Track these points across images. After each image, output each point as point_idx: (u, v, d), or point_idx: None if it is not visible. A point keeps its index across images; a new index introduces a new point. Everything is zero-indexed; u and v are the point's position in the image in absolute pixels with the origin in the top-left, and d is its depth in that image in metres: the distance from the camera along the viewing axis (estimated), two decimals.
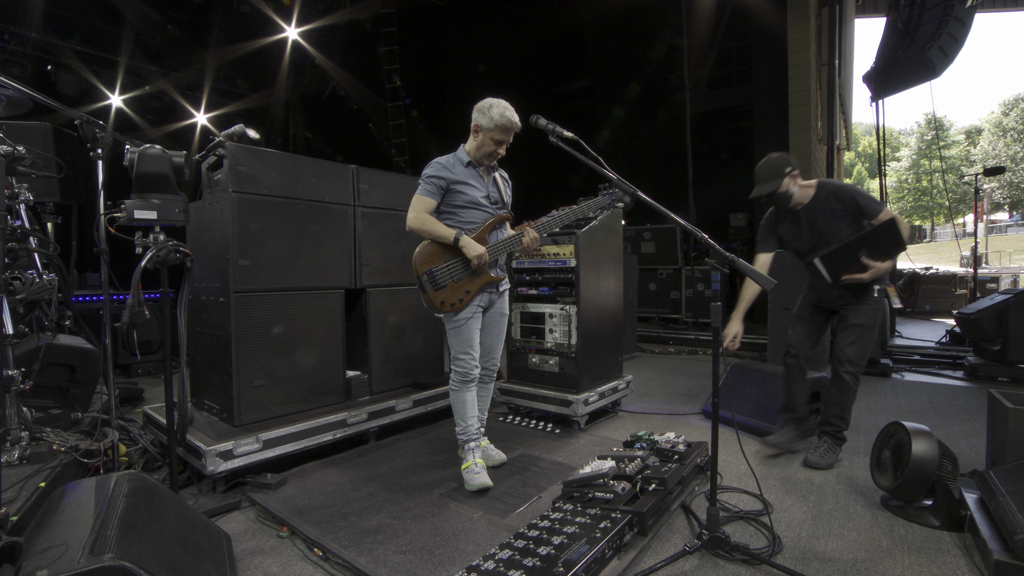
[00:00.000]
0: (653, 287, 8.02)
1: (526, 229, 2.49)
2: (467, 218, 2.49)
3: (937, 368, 5.03)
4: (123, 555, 1.21)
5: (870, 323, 2.65)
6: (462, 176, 2.48)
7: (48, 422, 2.66)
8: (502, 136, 2.44)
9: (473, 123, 2.47)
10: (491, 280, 2.51)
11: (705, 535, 1.84)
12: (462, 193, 2.47)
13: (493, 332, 2.67)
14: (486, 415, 2.77)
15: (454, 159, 2.53)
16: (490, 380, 2.76)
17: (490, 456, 2.67)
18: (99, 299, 5.25)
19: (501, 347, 2.73)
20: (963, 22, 6.39)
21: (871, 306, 2.65)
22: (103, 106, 7.97)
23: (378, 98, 10.78)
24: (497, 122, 2.41)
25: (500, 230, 2.58)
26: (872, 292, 2.64)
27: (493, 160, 2.53)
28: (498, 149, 2.48)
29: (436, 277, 2.40)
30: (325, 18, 9.01)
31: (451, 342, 2.53)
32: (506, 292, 2.69)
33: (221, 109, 9.42)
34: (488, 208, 2.54)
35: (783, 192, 2.68)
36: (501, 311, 2.67)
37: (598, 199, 2.81)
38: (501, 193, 2.61)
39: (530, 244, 2.49)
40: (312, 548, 1.92)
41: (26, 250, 2.64)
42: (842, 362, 2.66)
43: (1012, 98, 33.70)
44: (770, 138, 7.60)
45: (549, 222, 2.60)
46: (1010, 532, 1.67)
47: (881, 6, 10.97)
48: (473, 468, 2.43)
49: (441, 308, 2.42)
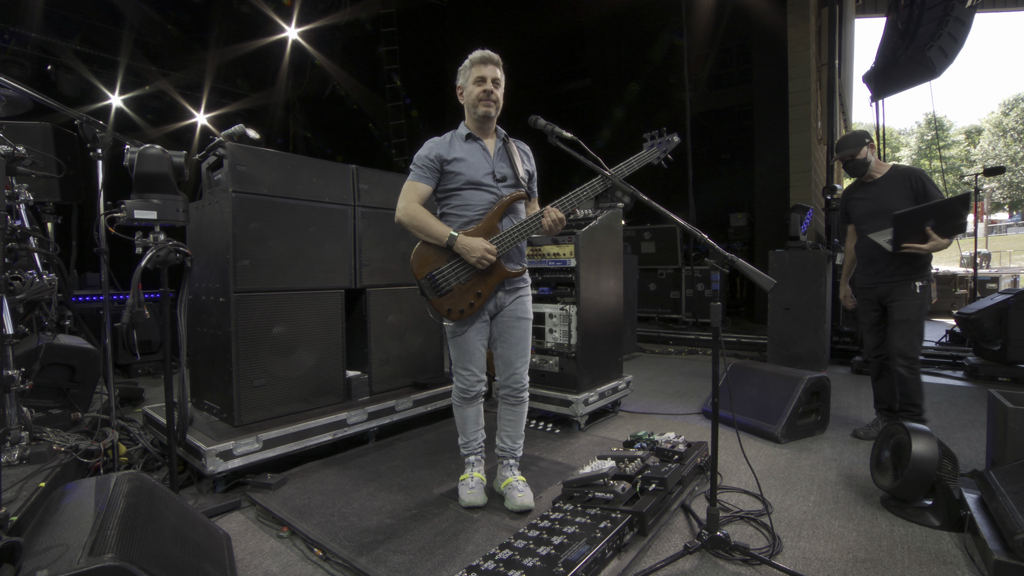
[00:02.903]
0: (653, 287, 8.02)
1: (547, 209, 2.04)
2: (469, 202, 2.11)
3: (937, 368, 5.03)
4: (123, 555, 1.21)
5: (915, 318, 2.86)
6: (460, 152, 2.12)
7: (48, 422, 2.66)
8: (481, 71, 2.08)
9: (456, 88, 2.18)
10: (507, 275, 2.12)
11: (705, 535, 1.84)
12: (459, 173, 2.10)
13: (511, 341, 2.19)
14: (520, 443, 2.31)
15: (452, 135, 2.19)
16: (517, 401, 2.26)
17: (512, 499, 2.15)
18: (99, 299, 5.25)
19: (526, 358, 2.24)
20: (963, 22, 6.39)
21: (914, 302, 2.86)
22: (103, 106, 7.97)
23: (378, 98, 10.78)
24: (467, 63, 2.11)
25: (514, 214, 2.17)
26: (914, 288, 2.86)
27: (491, 108, 2.11)
28: (485, 86, 2.09)
29: (438, 281, 2.04)
30: (325, 18, 9.01)
31: (452, 354, 2.21)
32: (524, 291, 2.24)
33: (221, 109, 9.42)
34: (494, 188, 2.13)
35: (862, 158, 3.01)
36: (517, 315, 2.19)
37: (642, 154, 2.22)
38: (515, 168, 2.17)
39: (553, 226, 2.03)
40: (312, 548, 1.92)
41: (26, 250, 2.64)
42: (893, 356, 2.90)
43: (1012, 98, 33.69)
44: (770, 138, 7.61)
45: (575, 195, 2.09)
46: (1010, 532, 1.67)
47: (881, 6, 10.97)
48: (468, 483, 2.24)
49: (448, 316, 2.07)
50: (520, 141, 2.33)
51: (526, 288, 2.27)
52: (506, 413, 2.30)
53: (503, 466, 2.32)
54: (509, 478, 2.25)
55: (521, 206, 2.23)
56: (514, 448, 2.30)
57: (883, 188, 3.00)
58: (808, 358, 4.71)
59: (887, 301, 2.96)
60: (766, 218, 7.70)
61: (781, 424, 3.01)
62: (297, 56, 9.48)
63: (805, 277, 4.78)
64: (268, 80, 9.81)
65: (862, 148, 3.00)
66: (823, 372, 3.47)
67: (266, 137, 9.90)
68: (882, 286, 2.97)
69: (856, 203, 3.12)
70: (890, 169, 3.03)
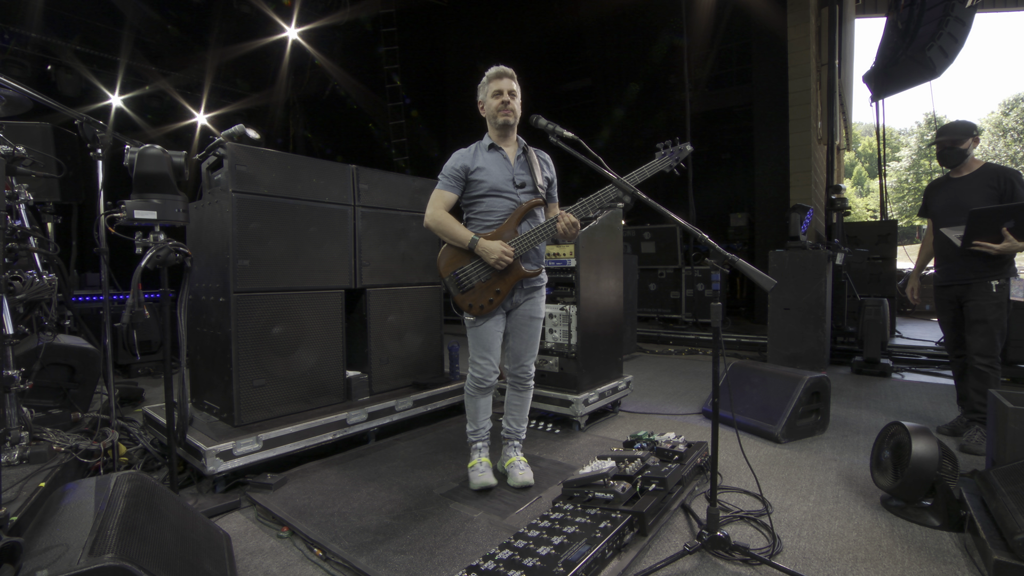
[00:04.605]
0: (653, 287, 8.02)
1: (561, 214, 2.19)
2: (491, 208, 2.29)
3: (937, 368, 5.03)
4: (123, 555, 1.21)
5: (993, 318, 2.81)
6: (483, 162, 2.30)
7: (48, 422, 2.66)
8: (498, 85, 2.27)
9: (478, 103, 2.37)
10: (524, 275, 2.29)
11: (705, 535, 1.84)
12: (482, 181, 2.28)
13: (522, 337, 2.43)
14: (524, 426, 2.57)
15: (476, 146, 2.37)
16: (524, 388, 2.53)
17: (513, 476, 2.39)
18: (99, 299, 5.25)
19: (534, 353, 2.49)
20: (963, 22, 6.39)
21: (991, 301, 2.81)
22: (103, 106, 7.98)
23: (378, 98, 10.80)
24: (485, 79, 2.29)
25: (532, 219, 2.34)
26: (991, 286, 2.81)
27: (509, 117, 2.28)
28: (502, 98, 2.27)
29: (461, 279, 2.25)
30: (325, 18, 9.02)
31: (469, 345, 2.40)
32: (538, 292, 2.43)
33: (221, 109, 9.43)
34: (513, 195, 2.30)
35: (962, 148, 2.94)
36: (530, 314, 2.41)
37: (654, 162, 2.22)
38: (534, 175, 2.33)
39: (567, 230, 2.19)
40: (312, 548, 1.92)
41: (26, 250, 2.64)
42: (972, 355, 2.87)
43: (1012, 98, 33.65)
44: (770, 138, 7.60)
45: (589, 201, 2.22)
46: (1010, 532, 1.67)
47: (881, 6, 10.97)
48: (478, 467, 2.40)
49: (469, 311, 2.28)
50: (540, 150, 2.49)
51: (542, 288, 2.46)
52: (513, 398, 2.55)
53: (507, 447, 2.55)
54: (512, 457, 2.49)
55: (540, 211, 2.40)
56: (519, 431, 2.55)
57: (968, 184, 2.93)
58: (808, 358, 4.71)
59: (963, 300, 2.91)
60: (766, 218, 7.70)
61: (781, 424, 3.01)
62: (297, 56, 9.49)
63: (805, 277, 4.78)
64: (268, 80, 9.82)
65: (967, 139, 2.92)
66: (823, 372, 3.47)
67: (266, 137, 9.91)
68: (957, 286, 2.92)
69: (936, 196, 3.06)
70: (982, 167, 2.96)
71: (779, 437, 2.99)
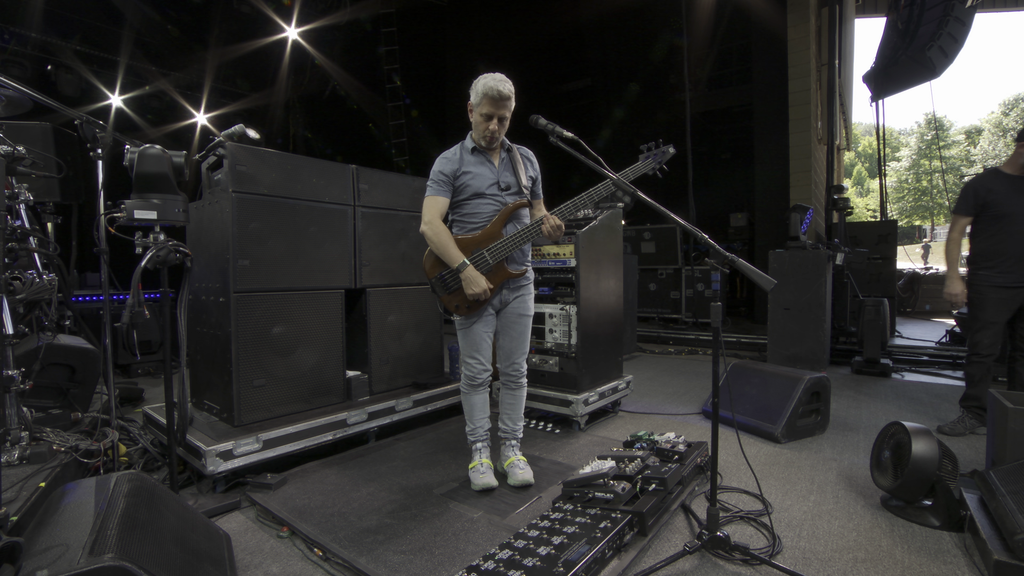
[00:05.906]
0: (653, 287, 8.02)
1: (545, 217, 2.20)
2: (476, 211, 2.29)
3: (937, 368, 5.03)
4: (123, 555, 1.21)
5: None
6: (467, 165, 2.28)
7: (48, 422, 2.66)
8: (490, 108, 2.18)
9: (468, 104, 2.30)
10: (510, 276, 2.31)
11: (705, 535, 1.84)
12: (467, 185, 2.28)
13: (512, 335, 2.43)
14: (520, 425, 2.54)
15: (459, 148, 2.34)
16: (516, 386, 2.51)
17: (513, 475, 2.39)
18: (99, 299, 5.25)
19: (524, 350, 2.48)
20: (963, 22, 6.39)
21: None
22: (103, 106, 7.98)
23: (378, 98, 10.80)
24: (481, 92, 2.17)
25: (517, 220, 2.34)
26: None
27: (494, 142, 2.28)
28: (490, 125, 2.20)
29: (447, 280, 2.28)
30: (325, 18, 9.02)
31: (460, 344, 2.43)
32: (526, 289, 2.42)
33: (221, 109, 9.43)
34: (499, 197, 2.30)
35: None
36: (519, 312, 2.41)
37: (638, 164, 2.28)
38: (518, 176, 2.32)
39: (552, 232, 2.19)
40: (312, 548, 1.92)
41: (26, 250, 2.64)
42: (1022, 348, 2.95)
43: (1012, 98, 33.65)
44: (770, 138, 7.61)
45: (573, 203, 2.25)
46: (1010, 532, 1.67)
47: (881, 6, 10.97)
48: (479, 468, 2.40)
49: (456, 311, 2.30)
50: (523, 147, 2.46)
51: (529, 286, 2.45)
52: (507, 397, 2.54)
53: (505, 446, 2.55)
54: (511, 457, 2.49)
55: (524, 212, 2.40)
56: (515, 429, 2.53)
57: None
58: (808, 358, 4.71)
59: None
60: (766, 218, 7.70)
61: (781, 424, 3.01)
62: (297, 56, 9.50)
63: (805, 277, 4.78)
64: (268, 80, 9.82)
65: None
66: (823, 372, 3.46)
67: (266, 137, 9.91)
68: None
69: (999, 196, 2.95)
70: None
71: (779, 437, 2.99)
